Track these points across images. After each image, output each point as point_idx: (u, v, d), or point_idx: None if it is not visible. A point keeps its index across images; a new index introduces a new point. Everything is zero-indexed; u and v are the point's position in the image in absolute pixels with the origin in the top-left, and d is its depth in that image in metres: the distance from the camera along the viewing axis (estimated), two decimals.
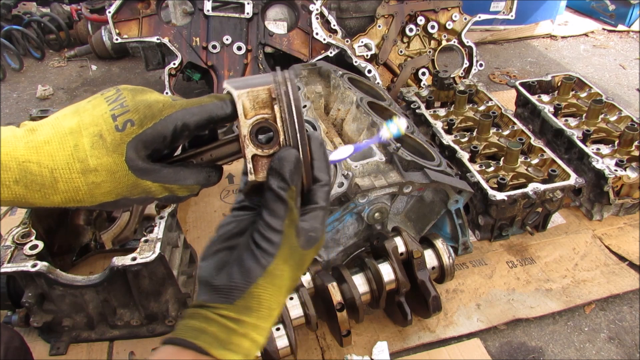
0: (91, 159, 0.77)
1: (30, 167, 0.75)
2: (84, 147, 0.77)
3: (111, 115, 0.78)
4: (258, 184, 0.83)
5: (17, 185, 0.76)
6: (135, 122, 0.78)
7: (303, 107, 2.08)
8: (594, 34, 4.75)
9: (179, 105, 0.81)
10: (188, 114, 0.80)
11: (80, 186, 0.78)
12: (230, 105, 0.81)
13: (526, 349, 1.86)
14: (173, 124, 0.79)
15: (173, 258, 1.91)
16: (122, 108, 0.79)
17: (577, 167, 2.36)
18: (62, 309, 1.72)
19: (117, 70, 4.08)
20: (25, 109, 3.51)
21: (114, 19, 2.95)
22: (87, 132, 0.77)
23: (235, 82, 0.81)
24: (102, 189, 0.79)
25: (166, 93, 3.03)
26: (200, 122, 0.81)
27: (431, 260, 1.78)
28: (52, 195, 0.78)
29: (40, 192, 0.77)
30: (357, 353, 1.78)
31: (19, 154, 0.75)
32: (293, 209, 0.77)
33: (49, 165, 0.76)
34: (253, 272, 0.75)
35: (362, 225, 1.87)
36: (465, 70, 3.38)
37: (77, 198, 0.79)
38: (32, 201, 0.78)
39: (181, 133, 0.81)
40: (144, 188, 0.81)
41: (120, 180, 0.79)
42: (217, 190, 2.59)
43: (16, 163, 0.75)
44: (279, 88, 0.79)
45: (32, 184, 0.76)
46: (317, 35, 3.04)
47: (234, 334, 0.74)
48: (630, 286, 2.06)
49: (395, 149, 1.81)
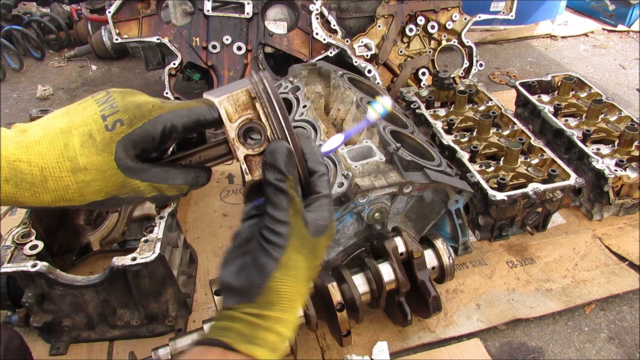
0: (81, 157, 0.77)
1: (20, 166, 0.76)
2: (74, 146, 0.78)
3: (101, 116, 0.79)
4: (257, 183, 0.84)
5: (7, 184, 0.76)
6: (124, 121, 0.79)
7: (303, 107, 2.08)
8: (594, 34, 4.75)
9: (168, 107, 0.82)
10: (177, 116, 0.82)
11: (70, 185, 0.79)
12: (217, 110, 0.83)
13: (526, 349, 1.86)
14: (162, 124, 0.80)
15: (173, 258, 1.91)
16: (111, 109, 0.80)
17: (577, 167, 2.36)
18: (62, 309, 1.72)
19: (117, 70, 4.08)
20: (25, 109, 3.51)
21: (114, 19, 2.96)
22: (77, 132, 0.78)
23: (214, 92, 0.83)
24: (92, 187, 0.79)
25: (166, 93, 3.03)
26: (188, 125, 0.82)
27: (431, 260, 1.78)
28: (42, 194, 0.79)
29: (30, 191, 0.78)
30: (357, 353, 1.78)
31: (9, 153, 0.76)
32: (295, 197, 0.78)
33: (39, 164, 0.77)
34: (267, 266, 0.76)
35: (362, 225, 1.87)
36: (465, 70, 3.38)
37: (66, 197, 0.80)
38: (22, 200, 0.79)
39: (170, 134, 0.82)
40: (132, 187, 0.81)
41: (109, 179, 0.79)
42: (217, 190, 2.59)
43: (6, 162, 0.76)
44: (257, 87, 0.81)
45: (22, 182, 0.77)
46: (317, 35, 3.04)
47: (258, 328, 0.75)
48: (630, 286, 2.06)
49: (395, 149, 1.81)
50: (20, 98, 3.68)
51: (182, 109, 0.82)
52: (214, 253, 2.22)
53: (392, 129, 1.97)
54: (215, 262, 2.17)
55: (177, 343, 1.57)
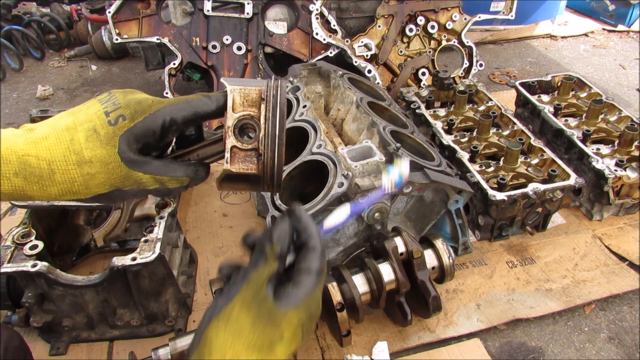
0: (86, 151, 0.81)
1: (29, 160, 0.80)
2: (79, 141, 0.82)
3: (104, 112, 0.84)
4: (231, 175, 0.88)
5: (17, 178, 0.80)
6: (126, 116, 0.83)
7: (303, 107, 2.08)
8: (594, 34, 4.75)
9: (167, 102, 0.87)
10: (175, 110, 0.86)
11: (76, 177, 0.82)
12: (214, 102, 0.88)
13: (526, 349, 1.86)
14: (162, 118, 0.85)
15: (173, 258, 1.91)
16: (114, 105, 0.84)
17: (577, 167, 2.36)
18: (62, 309, 1.72)
19: (117, 70, 4.08)
20: (25, 109, 3.51)
21: (114, 19, 2.96)
22: (82, 128, 0.83)
23: (232, 80, 0.88)
24: (96, 179, 0.83)
25: (166, 93, 3.04)
26: (187, 117, 0.87)
27: (431, 260, 1.78)
28: (49, 187, 0.82)
29: (39, 184, 0.81)
30: (357, 353, 1.78)
31: (19, 149, 0.80)
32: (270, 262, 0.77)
33: (46, 158, 0.80)
34: (210, 311, 0.75)
35: (362, 225, 1.87)
36: (465, 70, 3.38)
37: (72, 189, 0.83)
38: (30, 193, 0.82)
39: (170, 127, 0.86)
40: (135, 179, 0.85)
41: (113, 171, 0.83)
42: (217, 190, 2.58)
43: (16, 157, 0.79)
44: (269, 91, 0.86)
45: (30, 176, 0.80)
46: (317, 35, 3.04)
47: None
48: (630, 286, 2.06)
49: (395, 149, 1.81)
50: (20, 98, 3.68)
51: (181, 102, 0.87)
52: (214, 253, 2.22)
53: (392, 129, 1.97)
54: (215, 262, 2.17)
55: (177, 343, 1.57)
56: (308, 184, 1.98)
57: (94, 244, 2.06)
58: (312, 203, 1.70)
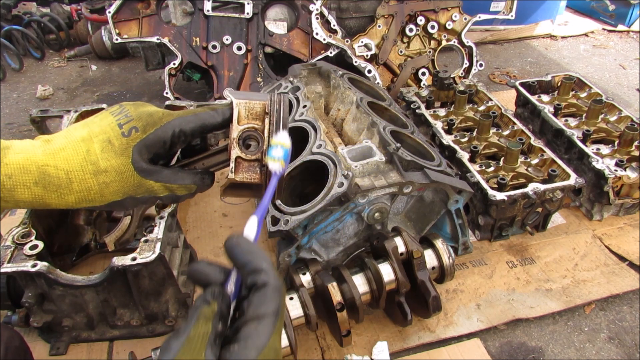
0: (102, 161, 0.87)
1: (48, 170, 0.85)
2: (95, 152, 0.87)
3: (117, 124, 0.89)
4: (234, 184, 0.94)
5: (37, 187, 0.85)
6: (139, 128, 0.89)
7: (303, 107, 2.08)
8: (594, 34, 4.75)
9: (176, 114, 0.93)
10: (184, 122, 0.92)
11: (93, 186, 0.88)
12: (220, 115, 0.93)
13: (526, 349, 1.86)
14: (172, 129, 0.91)
15: (173, 258, 1.91)
16: (126, 118, 0.90)
17: (577, 167, 2.36)
18: (62, 309, 1.72)
19: (117, 70, 4.08)
20: (25, 109, 3.51)
21: (114, 19, 2.96)
22: (97, 139, 0.88)
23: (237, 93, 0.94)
24: (111, 188, 0.89)
25: (166, 93, 3.04)
26: (195, 129, 0.93)
27: (431, 260, 1.78)
28: (67, 195, 0.87)
29: (57, 193, 0.86)
30: (357, 353, 1.78)
31: (38, 159, 0.85)
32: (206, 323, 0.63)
33: (64, 168, 0.86)
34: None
35: (362, 225, 1.87)
36: (465, 70, 3.38)
37: (89, 197, 0.88)
38: (49, 201, 0.87)
39: (178, 138, 0.92)
40: (147, 187, 0.91)
41: (127, 180, 0.89)
42: (217, 191, 2.57)
43: (36, 167, 0.84)
44: (273, 105, 0.92)
45: (49, 185, 0.85)
46: (317, 35, 3.04)
47: None
48: (630, 286, 2.06)
49: (395, 149, 1.81)
50: (20, 98, 3.68)
51: (189, 115, 0.93)
52: (214, 253, 2.22)
53: (392, 129, 1.97)
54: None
55: None
56: (308, 184, 1.98)
57: (94, 244, 2.06)
58: (312, 203, 1.71)
